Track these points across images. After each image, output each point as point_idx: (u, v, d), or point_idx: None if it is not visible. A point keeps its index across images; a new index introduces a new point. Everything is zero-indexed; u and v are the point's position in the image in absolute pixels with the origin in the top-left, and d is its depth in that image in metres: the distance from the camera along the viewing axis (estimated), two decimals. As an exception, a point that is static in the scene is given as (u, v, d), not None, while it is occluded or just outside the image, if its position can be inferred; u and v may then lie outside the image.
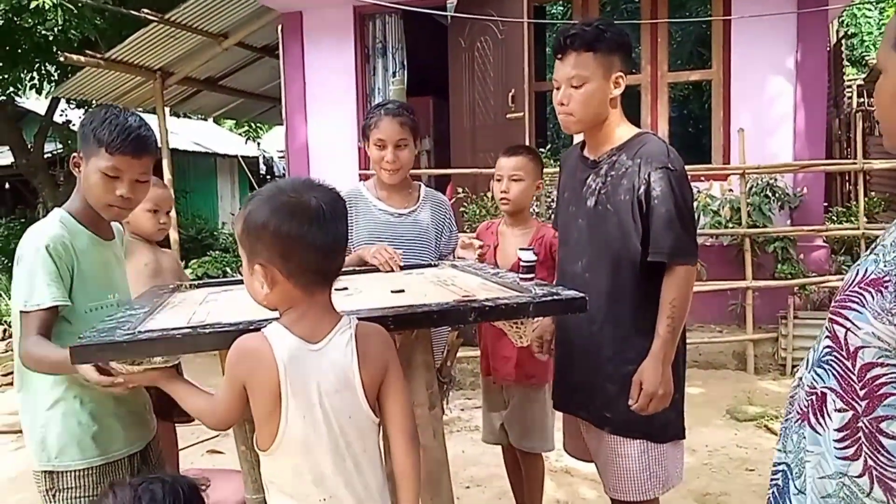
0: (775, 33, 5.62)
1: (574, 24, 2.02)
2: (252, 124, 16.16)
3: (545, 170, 5.26)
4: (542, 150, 6.12)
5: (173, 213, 7.91)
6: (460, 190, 5.71)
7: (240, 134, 17.54)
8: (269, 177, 15.99)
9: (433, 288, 1.98)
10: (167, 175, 8.15)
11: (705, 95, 6.31)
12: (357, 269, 2.30)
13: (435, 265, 2.40)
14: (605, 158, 2.03)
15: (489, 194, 5.48)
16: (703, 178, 5.78)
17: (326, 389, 1.39)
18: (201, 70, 8.52)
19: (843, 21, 11.90)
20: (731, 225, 5.44)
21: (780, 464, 1.27)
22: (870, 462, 1.09)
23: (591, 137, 2.10)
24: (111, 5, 7.95)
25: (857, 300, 1.10)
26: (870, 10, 14.32)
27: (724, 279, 5.37)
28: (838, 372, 1.14)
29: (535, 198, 2.77)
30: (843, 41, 9.42)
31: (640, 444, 2.01)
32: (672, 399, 1.96)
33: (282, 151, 14.71)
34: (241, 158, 14.55)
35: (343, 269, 1.49)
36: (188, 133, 14.69)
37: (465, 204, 5.62)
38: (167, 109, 9.33)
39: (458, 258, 2.48)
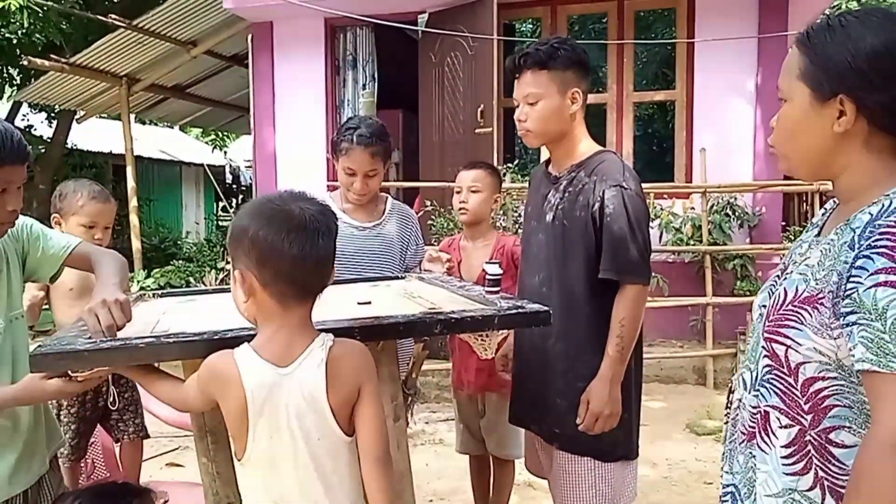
0: (737, 56, 5.78)
1: (530, 44, 2.07)
2: (219, 133, 16.03)
3: (514, 185, 5.36)
4: (509, 164, 6.19)
5: (135, 222, 7.87)
6: (428, 203, 5.74)
7: (206, 142, 17.38)
8: (234, 186, 15.84)
9: (400, 300, 2.00)
10: (130, 183, 8.04)
11: (670, 115, 6.45)
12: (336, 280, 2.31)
13: (402, 278, 2.41)
14: (565, 174, 2.07)
15: (457, 208, 5.53)
16: (666, 196, 5.91)
17: (294, 412, 1.37)
18: (169, 77, 8.44)
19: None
20: (692, 242, 5.55)
21: (728, 485, 1.30)
22: (821, 473, 1.12)
23: (554, 153, 2.14)
24: (78, 10, 7.84)
25: (794, 318, 1.14)
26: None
27: (685, 295, 5.47)
28: (780, 389, 1.18)
29: (493, 211, 2.83)
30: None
31: (588, 462, 2.01)
32: (622, 419, 1.97)
33: (249, 161, 14.61)
34: (207, 167, 14.41)
35: None
36: (154, 140, 14.51)
37: (433, 217, 5.65)
38: (132, 116, 9.22)
39: (426, 271, 2.50)
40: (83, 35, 8.27)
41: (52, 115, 10.54)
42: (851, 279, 1.06)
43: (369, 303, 1.90)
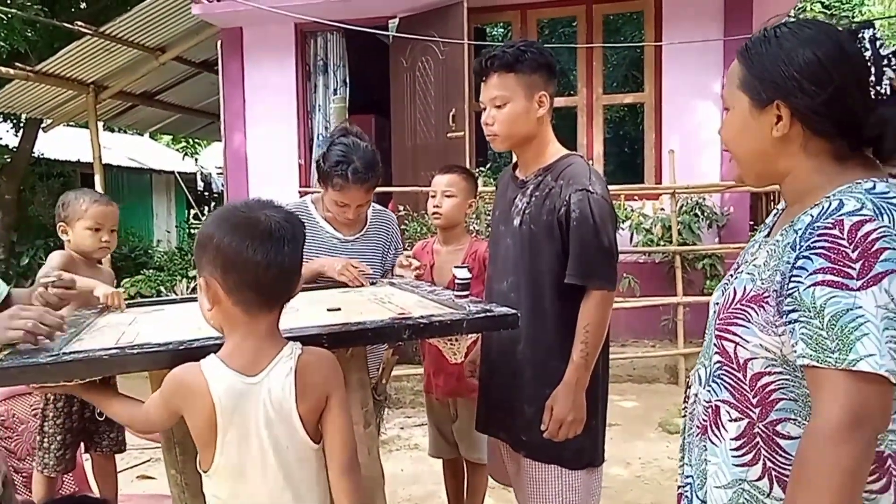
0: (703, 59, 5.88)
1: (495, 48, 2.06)
2: (190, 140, 15.87)
3: (486, 188, 5.38)
4: (482, 168, 6.22)
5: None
6: (401, 208, 5.74)
7: (177, 149, 17.18)
8: (206, 193, 15.70)
9: (370, 306, 2.00)
10: (99, 191, 7.93)
11: (639, 117, 6.54)
12: (306, 286, 2.28)
13: (373, 283, 2.41)
14: (532, 178, 2.05)
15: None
16: (636, 198, 5.98)
17: (263, 421, 1.38)
18: (137, 84, 8.35)
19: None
20: (662, 243, 5.63)
21: (687, 477, 1.36)
22: (769, 464, 1.17)
23: (521, 157, 2.13)
24: (43, 17, 7.72)
25: (742, 317, 1.19)
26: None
27: (656, 295, 5.54)
28: (730, 384, 1.23)
29: (467, 216, 2.84)
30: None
31: (554, 469, 1.99)
32: (588, 425, 1.95)
33: (220, 168, 14.49)
34: (178, 174, 14.26)
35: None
36: (123, 148, 14.32)
37: (406, 222, 5.65)
38: (101, 124, 9.09)
39: (397, 276, 2.50)
40: (49, 42, 8.16)
41: (18, 123, 10.35)
42: (793, 279, 1.10)
43: (339, 309, 1.90)
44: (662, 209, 5.88)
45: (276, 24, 6.62)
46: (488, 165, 6.47)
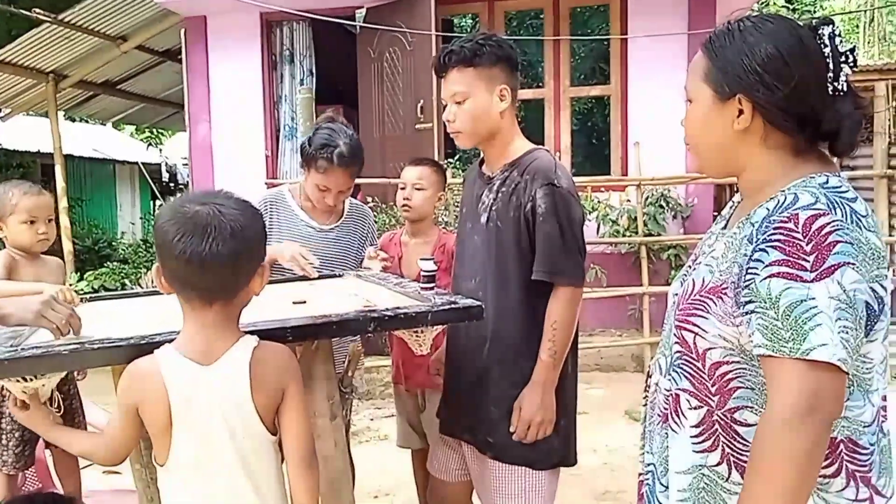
0: (668, 52, 5.94)
1: (454, 42, 2.01)
2: (154, 130, 15.58)
3: (455, 180, 5.39)
4: (450, 160, 6.23)
5: (66, 223, 7.61)
6: (370, 199, 5.73)
7: (141, 140, 16.87)
8: (171, 184, 15.43)
9: (336, 298, 2.00)
10: (60, 182, 7.76)
11: (607, 109, 6.60)
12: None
13: (339, 276, 2.41)
14: (498, 174, 2.01)
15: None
16: (602, 189, 6.04)
17: (219, 411, 1.38)
18: (98, 73, 8.17)
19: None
20: (628, 234, 5.70)
21: (649, 464, 1.39)
22: (727, 450, 1.21)
23: (487, 153, 2.09)
24: (0, 3, 7.52)
25: (701, 307, 1.22)
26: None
27: (622, 285, 5.62)
28: (690, 373, 1.26)
29: (436, 208, 2.84)
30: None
31: (521, 471, 1.96)
32: (558, 425, 1.92)
33: (185, 158, 14.25)
34: (141, 165, 14.00)
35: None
36: (85, 138, 13.99)
37: (375, 213, 5.64)
38: (61, 113, 8.89)
39: (364, 268, 2.50)
40: (6, 30, 7.94)
41: None
42: (749, 271, 1.13)
43: (304, 302, 1.90)
44: (628, 200, 5.95)
45: (241, 14, 6.52)
46: (457, 157, 6.48)
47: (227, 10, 6.47)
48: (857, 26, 16.92)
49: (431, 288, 1.90)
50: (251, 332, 1.45)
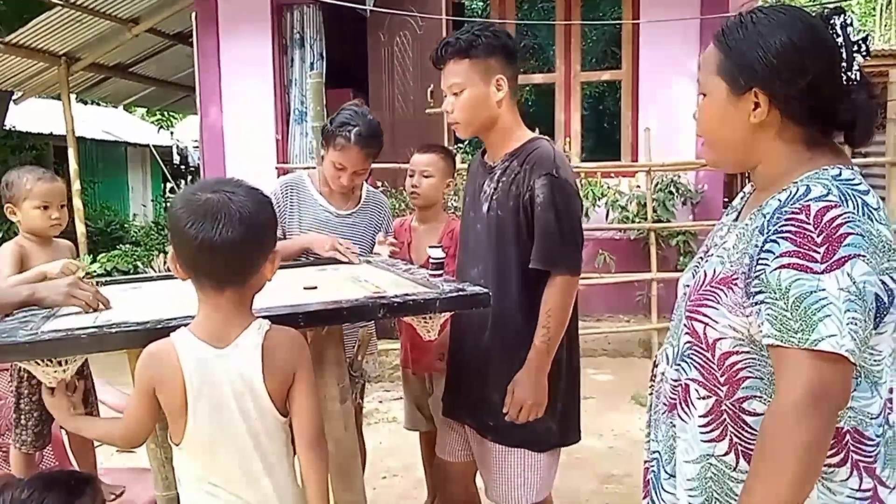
0: (680, 37, 5.91)
1: (452, 34, 2.04)
2: (165, 113, 15.62)
3: (464, 165, 5.40)
4: (460, 145, 6.23)
5: (79, 205, 7.67)
6: (380, 184, 5.75)
7: (152, 122, 16.92)
8: (182, 167, 15.50)
9: (346, 284, 2.03)
10: (73, 165, 7.82)
11: (618, 94, 6.57)
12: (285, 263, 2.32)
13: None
14: (499, 164, 2.05)
15: (409, 189, 5.56)
16: (612, 175, 6.03)
17: (232, 392, 1.42)
18: (110, 56, 8.19)
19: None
20: (637, 220, 5.71)
21: (654, 452, 1.41)
22: (735, 439, 1.22)
23: (487, 142, 2.12)
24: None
25: (712, 298, 1.24)
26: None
27: (631, 271, 5.64)
28: (699, 363, 1.28)
29: (445, 195, 2.86)
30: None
31: (520, 452, 2.03)
32: (553, 408, 1.98)
33: (196, 141, 14.28)
34: (153, 148, 14.05)
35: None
36: (97, 121, 14.06)
37: (386, 197, 5.66)
38: (73, 96, 8.93)
39: (374, 254, 2.54)
40: (19, 14, 7.97)
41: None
42: (760, 261, 1.14)
43: (315, 287, 1.94)
44: (638, 186, 5.95)
45: (252, -3, 6.54)
46: (466, 142, 6.48)
47: (237, -7, 6.48)
48: (875, 9, 16.68)
49: (440, 275, 1.94)
50: (265, 317, 1.49)
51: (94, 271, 6.28)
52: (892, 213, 5.29)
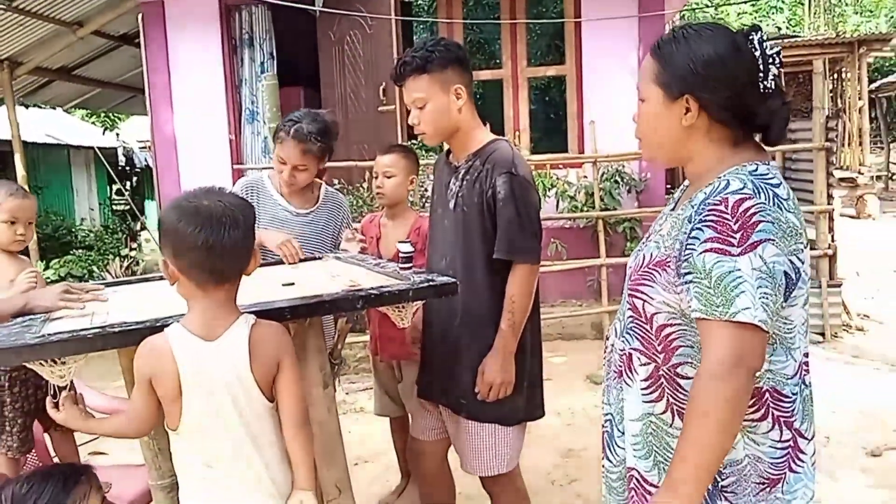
0: (620, 33, 6.15)
1: (406, 52, 2.20)
2: (109, 114, 15.27)
3: (420, 161, 5.55)
4: (414, 141, 6.37)
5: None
6: (336, 182, 5.84)
7: (95, 123, 16.51)
8: (128, 168, 15.18)
9: (321, 280, 2.18)
10: (20, 171, 7.68)
11: (564, 87, 6.79)
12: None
13: (319, 258, 2.58)
14: (463, 164, 2.22)
15: (364, 185, 5.68)
16: (561, 166, 6.27)
17: (222, 381, 1.55)
18: (54, 59, 8.04)
19: (683, 16, 13.00)
20: (585, 208, 5.95)
21: (606, 414, 1.60)
22: (671, 400, 1.41)
23: (452, 145, 2.29)
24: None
25: (648, 278, 1.43)
26: (707, 7, 15.68)
27: (581, 258, 5.88)
28: (640, 335, 1.46)
29: (410, 192, 3.01)
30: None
31: (491, 427, 2.21)
32: (520, 386, 2.17)
33: (142, 142, 14.03)
34: (97, 150, 13.74)
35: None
36: (39, 124, 13.66)
37: (343, 196, 5.76)
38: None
39: (342, 250, 2.67)
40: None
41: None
42: (688, 246, 1.33)
43: (293, 284, 2.08)
44: (585, 177, 6.18)
45: (199, -2, 6.54)
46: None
47: (185, -5, 6.47)
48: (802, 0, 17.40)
49: (409, 267, 2.10)
50: (255, 312, 1.63)
51: (48, 278, 6.22)
52: (820, 195, 5.67)
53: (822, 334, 5.53)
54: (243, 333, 1.57)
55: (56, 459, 2.72)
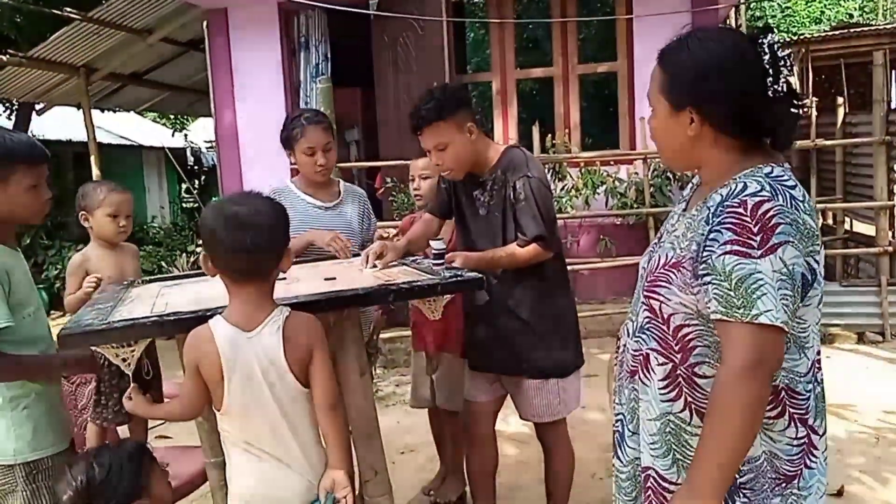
0: (673, 29, 5.89)
1: (417, 107, 2.43)
2: (179, 116, 15.91)
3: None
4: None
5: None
6: (389, 180, 5.99)
7: (165, 125, 17.22)
8: (196, 167, 15.81)
9: (360, 274, 2.32)
10: (95, 171, 8.15)
11: (616, 84, 6.79)
12: (303, 259, 2.60)
13: (359, 255, 2.72)
14: (488, 177, 2.49)
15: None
16: (611, 163, 6.27)
17: (259, 368, 1.69)
18: (126, 65, 8.50)
19: (749, 5, 12.68)
20: (636, 205, 5.95)
21: (618, 414, 1.62)
22: (689, 399, 1.41)
23: (473, 168, 2.52)
24: (31, 4, 7.84)
25: (664, 279, 1.42)
26: (769, -4, 15.19)
27: (631, 255, 5.87)
28: (657, 335, 1.46)
29: None
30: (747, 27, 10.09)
31: (553, 381, 2.53)
32: (566, 343, 2.53)
33: (209, 142, 14.56)
34: (167, 150, 14.38)
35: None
36: (113, 126, 14.39)
37: (394, 193, 5.92)
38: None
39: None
40: (37, 28, 8.27)
41: (12, 107, 10.49)
42: (706, 248, 1.32)
43: (334, 278, 2.23)
44: (636, 173, 6.17)
45: (260, 4, 6.80)
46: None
47: (245, 2, 6.74)
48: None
49: (441, 264, 2.22)
50: (296, 304, 1.78)
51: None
52: (878, 189, 5.50)
53: (882, 334, 5.38)
54: (277, 324, 1.70)
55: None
